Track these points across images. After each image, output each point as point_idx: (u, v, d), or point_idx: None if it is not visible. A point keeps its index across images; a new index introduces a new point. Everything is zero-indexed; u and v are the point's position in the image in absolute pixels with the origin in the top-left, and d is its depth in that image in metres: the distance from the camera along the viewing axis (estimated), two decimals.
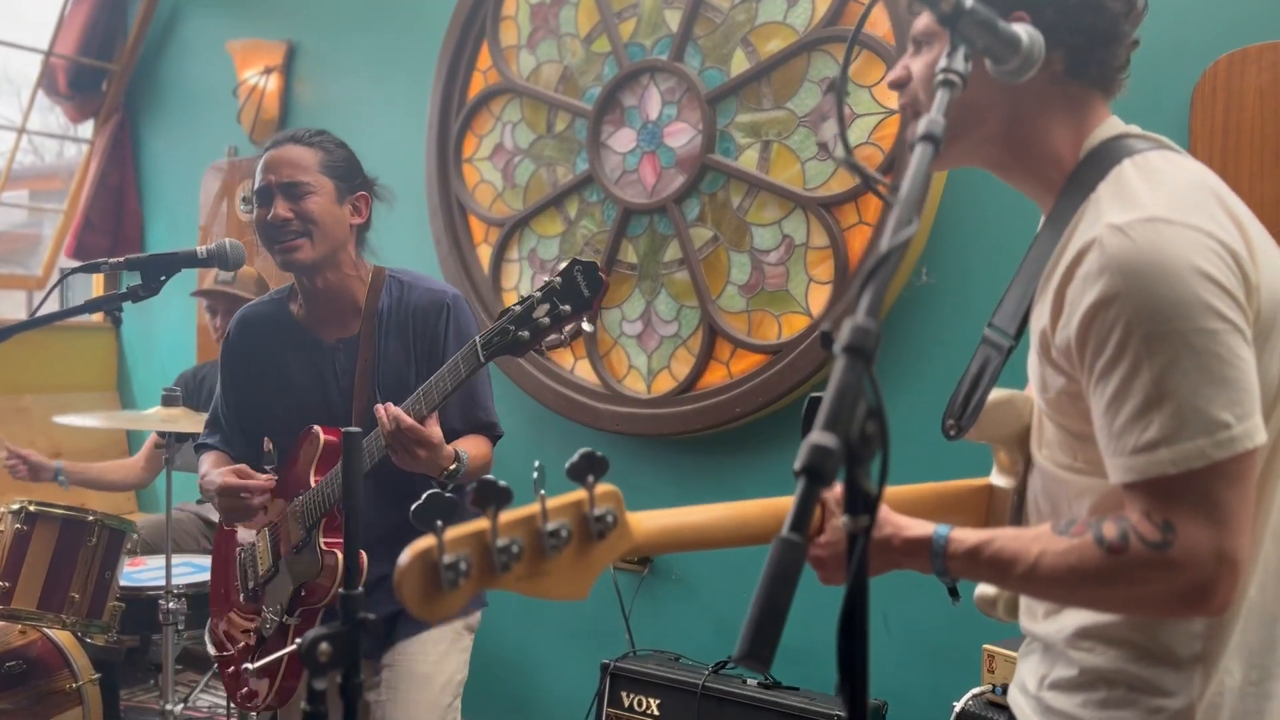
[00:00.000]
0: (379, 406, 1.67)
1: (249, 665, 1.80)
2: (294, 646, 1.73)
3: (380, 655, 1.87)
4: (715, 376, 2.89)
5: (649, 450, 3.00)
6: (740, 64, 2.84)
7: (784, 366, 2.71)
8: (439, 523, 0.84)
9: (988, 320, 1.19)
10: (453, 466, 1.73)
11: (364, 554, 1.72)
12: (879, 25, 2.62)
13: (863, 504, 0.75)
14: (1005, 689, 1.90)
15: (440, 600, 0.84)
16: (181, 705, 2.58)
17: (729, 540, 1.14)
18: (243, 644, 1.91)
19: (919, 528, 1.09)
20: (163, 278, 1.67)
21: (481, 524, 0.86)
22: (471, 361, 1.63)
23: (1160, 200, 0.99)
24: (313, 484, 1.83)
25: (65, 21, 4.33)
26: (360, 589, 1.13)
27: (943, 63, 0.90)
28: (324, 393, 1.86)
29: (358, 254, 1.94)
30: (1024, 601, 1.22)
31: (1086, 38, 1.07)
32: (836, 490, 1.03)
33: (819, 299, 2.71)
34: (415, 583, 0.83)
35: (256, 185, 1.84)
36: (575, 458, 0.91)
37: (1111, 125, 1.11)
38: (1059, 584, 1.01)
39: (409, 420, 1.64)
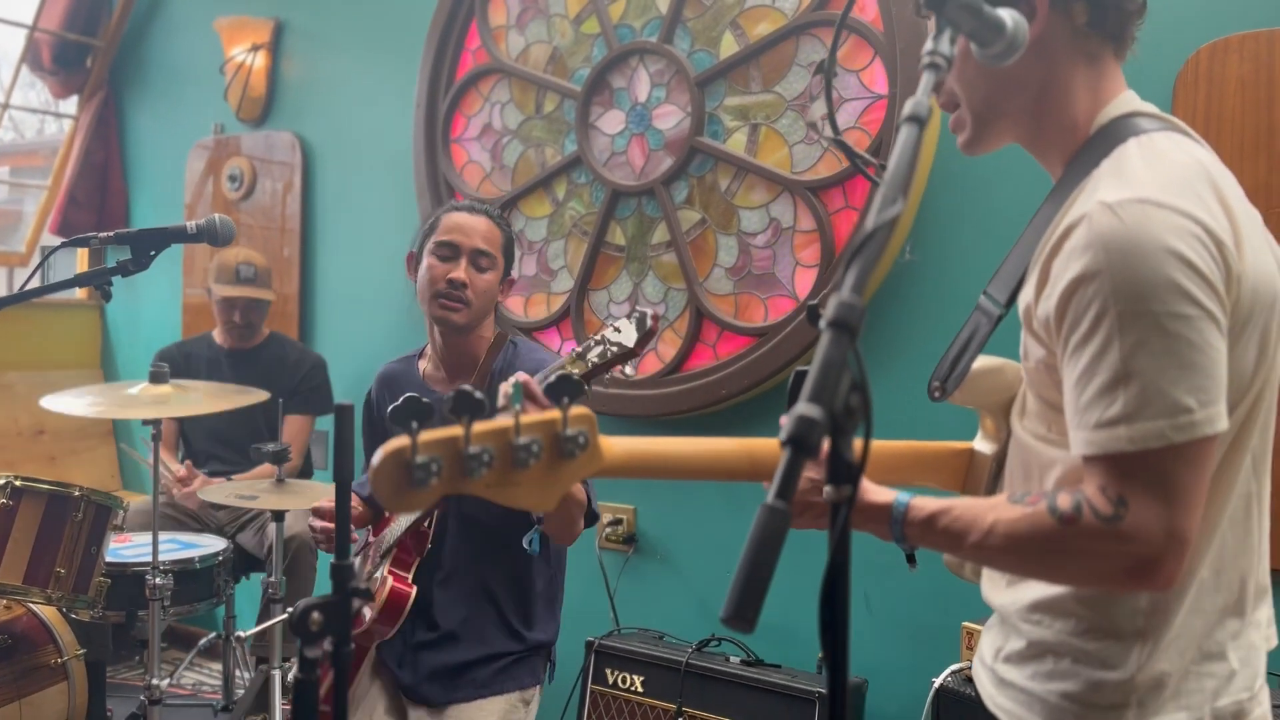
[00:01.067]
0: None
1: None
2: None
3: (441, 706, 1.91)
4: (702, 358, 2.91)
5: (639, 431, 3.02)
6: (729, 47, 2.85)
7: (770, 349, 2.74)
8: (414, 424, 0.89)
9: (982, 289, 1.21)
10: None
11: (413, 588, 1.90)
12: (867, 10, 2.63)
13: (845, 474, 0.77)
14: None
15: (410, 496, 0.90)
16: (167, 680, 2.60)
17: (699, 472, 1.18)
18: None
19: (881, 494, 1.11)
20: (152, 253, 1.67)
21: (456, 430, 0.91)
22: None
23: (1154, 182, 1.00)
24: (393, 521, 1.96)
25: None
26: (349, 562, 1.15)
27: (929, 45, 0.91)
28: None
29: (494, 323, 2.09)
30: (986, 571, 1.24)
31: None
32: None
33: (805, 282, 2.73)
34: (387, 478, 0.89)
35: (441, 237, 1.95)
36: (553, 378, 0.98)
37: (1125, 101, 1.13)
38: (1011, 552, 1.03)
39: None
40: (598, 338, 1.61)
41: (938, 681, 1.96)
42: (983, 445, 1.25)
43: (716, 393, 2.82)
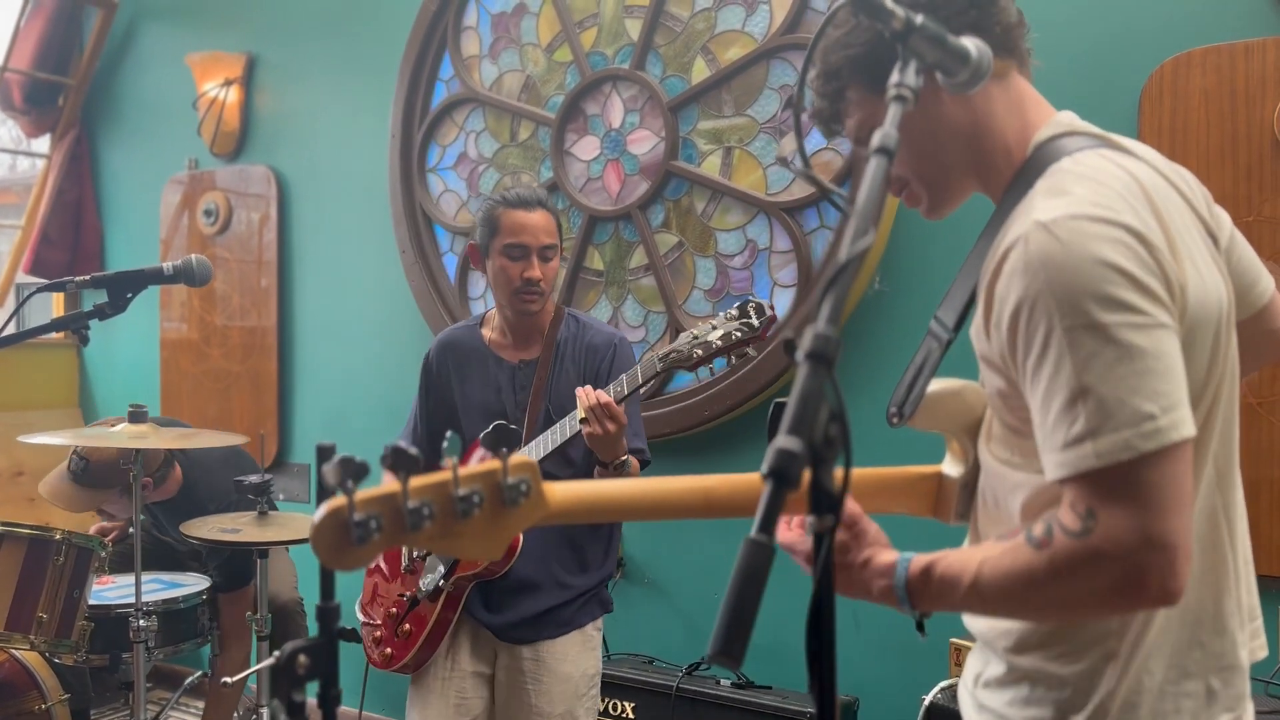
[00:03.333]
0: (580, 389, 1.90)
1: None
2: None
3: (528, 644, 2.11)
4: (683, 381, 2.92)
5: None
6: (701, 72, 2.87)
7: (750, 370, 2.75)
8: (349, 483, 0.90)
9: (934, 312, 1.20)
10: (624, 457, 1.94)
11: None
12: None
13: (826, 504, 0.78)
14: None
15: (350, 553, 0.91)
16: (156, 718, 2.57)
17: (647, 512, 1.18)
18: (392, 609, 2.16)
19: (889, 554, 1.10)
20: (129, 295, 1.67)
21: (393, 486, 0.93)
22: (650, 369, 1.89)
23: (1087, 198, 0.99)
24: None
25: (20, 35, 4.27)
26: (335, 604, 1.14)
27: (894, 78, 0.93)
28: (502, 404, 2.13)
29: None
30: None
31: (978, 9, 1.08)
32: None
33: (783, 302, 2.75)
34: (327, 537, 0.90)
35: (514, 240, 2.06)
36: (489, 429, 0.99)
37: (1058, 123, 1.12)
38: (1002, 591, 1.00)
39: (607, 397, 1.87)
40: (721, 317, 1.87)
41: (927, 699, 1.97)
42: (950, 468, 1.23)
43: (699, 414, 2.83)
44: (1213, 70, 2.22)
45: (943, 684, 1.99)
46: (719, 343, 1.85)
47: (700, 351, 1.86)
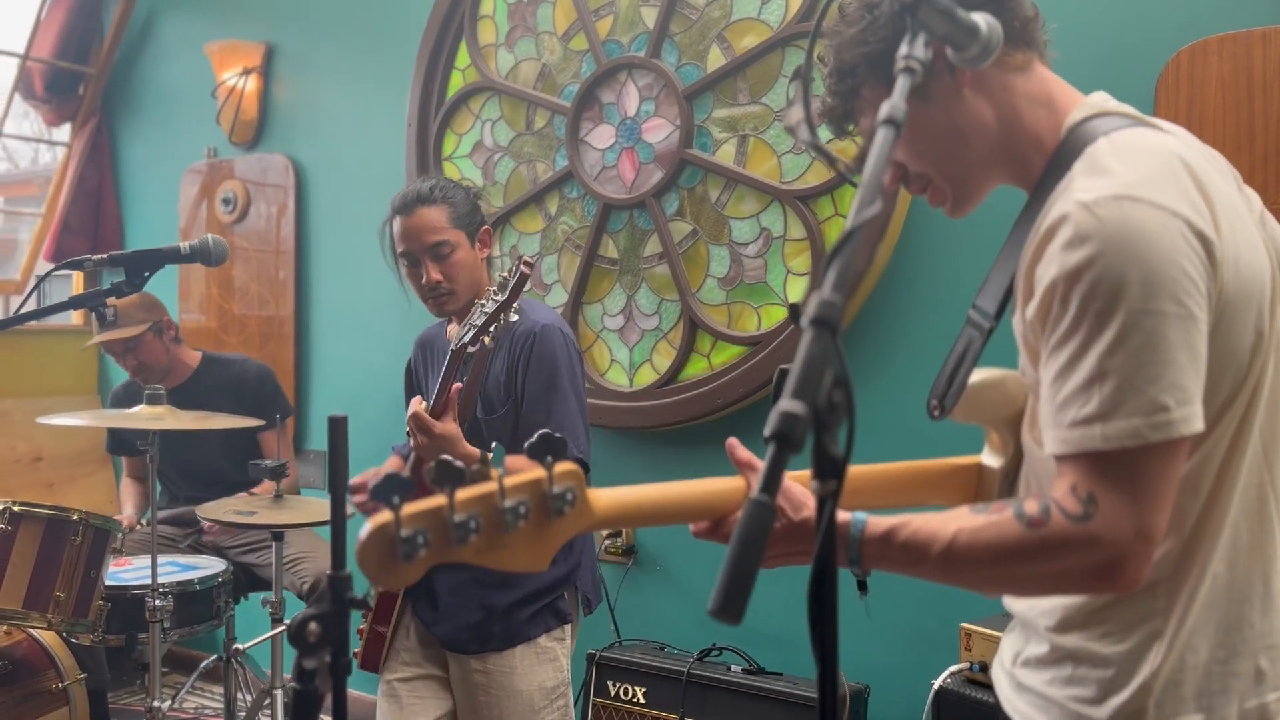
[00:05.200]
0: (414, 399, 1.88)
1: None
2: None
3: (475, 655, 2.00)
4: (696, 369, 2.92)
5: (632, 443, 3.03)
6: (716, 60, 2.88)
7: (764, 357, 2.75)
8: (395, 499, 0.88)
9: (971, 302, 1.19)
10: (474, 467, 1.80)
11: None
12: None
13: (830, 469, 0.78)
14: (983, 666, 1.95)
15: (398, 571, 0.89)
16: (169, 703, 2.60)
17: (691, 514, 1.16)
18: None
19: (841, 514, 1.08)
20: (146, 274, 1.69)
21: (439, 500, 0.91)
22: (454, 358, 1.83)
23: (1130, 177, 0.98)
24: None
25: (41, 25, 4.31)
26: (347, 573, 1.16)
27: (903, 50, 0.93)
28: None
29: (485, 276, 2.10)
30: None
31: (994, 3, 1.07)
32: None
33: (797, 290, 2.75)
34: (373, 555, 0.89)
35: (401, 249, 2.02)
36: (534, 439, 0.96)
37: (1089, 105, 1.12)
38: (976, 563, 1.00)
39: (418, 407, 1.82)
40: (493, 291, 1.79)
41: (937, 683, 1.97)
42: (991, 459, 1.22)
43: (712, 402, 2.83)
44: (1229, 58, 2.21)
45: (952, 668, 1.99)
46: (488, 313, 1.78)
47: (477, 323, 1.79)
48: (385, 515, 0.89)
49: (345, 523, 1.18)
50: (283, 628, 2.51)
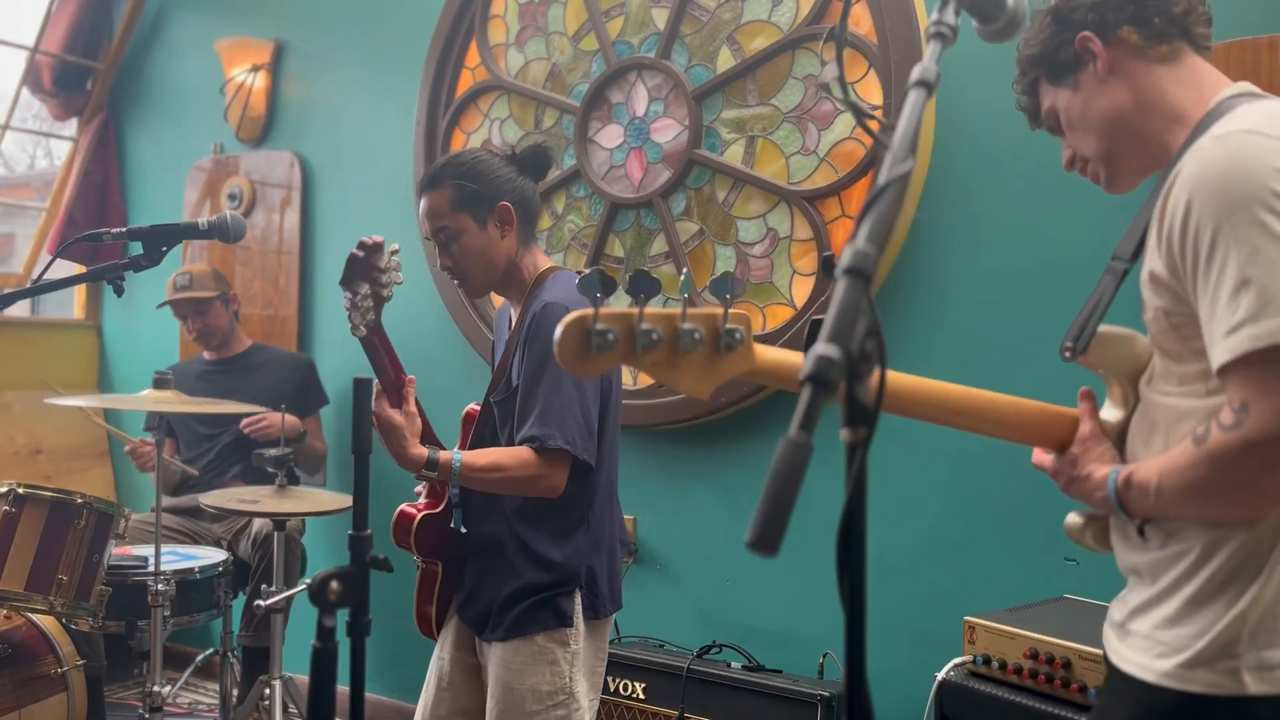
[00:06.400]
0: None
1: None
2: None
3: (483, 638, 1.97)
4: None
5: (637, 441, 3.04)
6: (726, 61, 2.90)
7: None
8: (598, 294, 1.01)
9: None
10: (422, 471, 1.82)
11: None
12: (861, 24, 2.69)
13: (860, 417, 0.80)
14: (986, 659, 1.95)
15: (589, 360, 1.00)
16: (169, 687, 2.59)
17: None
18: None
19: (1105, 469, 1.22)
20: (164, 249, 1.70)
21: (631, 310, 1.02)
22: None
23: (1258, 121, 1.10)
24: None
25: (52, 19, 4.33)
26: (368, 533, 1.17)
27: (935, 16, 0.95)
28: None
29: (526, 252, 2.02)
30: (1116, 536, 1.28)
31: (1135, 4, 1.23)
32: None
33: (803, 291, 2.77)
34: (571, 341, 0.99)
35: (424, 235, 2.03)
36: (718, 275, 1.09)
37: (1240, 86, 1.24)
38: (1177, 490, 1.11)
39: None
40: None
41: (940, 675, 1.97)
42: (1110, 413, 1.31)
43: (716, 401, 2.84)
44: (1236, 65, 2.24)
45: (955, 660, 2.00)
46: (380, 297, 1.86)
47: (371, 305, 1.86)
48: (586, 309, 1.00)
49: (368, 485, 1.20)
50: (303, 584, 2.48)
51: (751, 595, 2.86)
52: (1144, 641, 1.19)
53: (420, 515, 1.96)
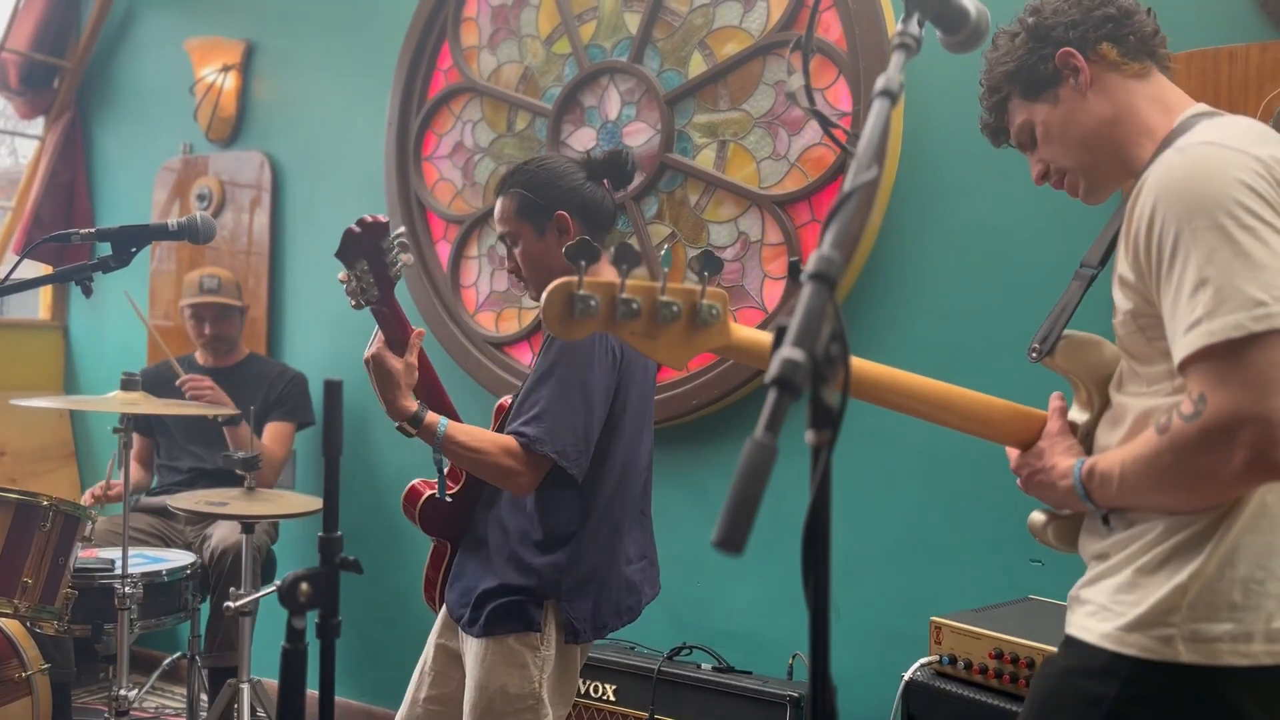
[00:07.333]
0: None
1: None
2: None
3: (461, 625, 1.97)
4: (672, 370, 2.95)
5: None
6: (698, 66, 2.92)
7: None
8: (582, 262, 1.05)
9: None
10: (404, 422, 1.83)
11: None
12: (831, 31, 2.71)
13: (825, 419, 0.81)
14: (952, 659, 1.98)
15: (571, 323, 1.06)
16: (136, 690, 2.57)
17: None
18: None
19: (1070, 459, 1.28)
20: (134, 250, 1.69)
21: (614, 277, 1.07)
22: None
23: (1220, 133, 1.17)
24: None
25: (18, 16, 4.28)
26: (338, 535, 1.17)
27: (900, 27, 0.97)
28: None
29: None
30: (1085, 529, 1.32)
31: (1113, 22, 1.30)
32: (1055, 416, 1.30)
33: (774, 294, 2.79)
34: (556, 305, 1.05)
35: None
36: (699, 252, 1.11)
37: (1203, 106, 1.30)
38: (1139, 477, 1.16)
39: (373, 346, 1.88)
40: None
41: (907, 675, 2.00)
42: (1075, 415, 1.35)
43: (687, 403, 2.86)
44: (1197, 74, 2.28)
45: (922, 660, 2.02)
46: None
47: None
48: (570, 276, 1.05)
49: (339, 487, 1.20)
50: (273, 586, 2.47)
51: (722, 597, 2.87)
52: (1090, 607, 1.25)
53: (429, 494, 1.98)
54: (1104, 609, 1.22)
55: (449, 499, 1.97)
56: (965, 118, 2.56)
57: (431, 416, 1.84)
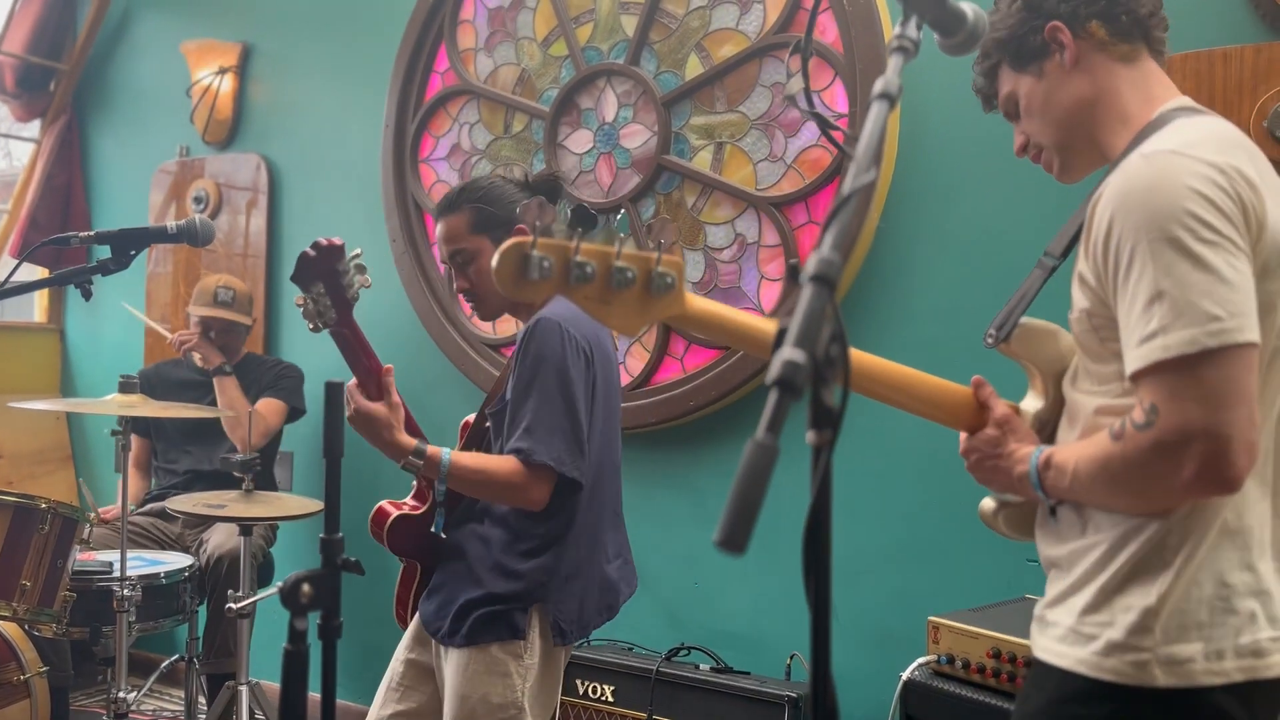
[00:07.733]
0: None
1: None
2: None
3: (442, 644, 1.95)
4: (670, 372, 2.96)
5: None
6: (694, 68, 2.93)
7: (736, 361, 2.79)
8: (537, 222, 1.03)
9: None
10: (408, 458, 1.81)
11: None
12: (827, 33, 2.72)
13: (825, 419, 0.82)
14: (950, 658, 1.99)
15: (524, 284, 1.03)
16: (134, 693, 2.57)
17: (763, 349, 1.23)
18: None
19: (1028, 447, 1.27)
20: (133, 252, 1.69)
21: (567, 241, 1.04)
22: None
23: (1187, 140, 1.14)
24: None
25: (14, 19, 4.28)
26: (339, 536, 1.17)
27: (897, 30, 0.98)
28: None
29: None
30: (1039, 527, 1.32)
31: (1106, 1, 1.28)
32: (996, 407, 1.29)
33: (771, 295, 2.80)
34: (509, 265, 1.02)
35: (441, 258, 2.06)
36: (656, 223, 1.07)
37: (1181, 100, 1.28)
38: (1092, 478, 1.16)
39: (350, 388, 1.82)
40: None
41: (905, 675, 2.00)
42: (1029, 403, 1.35)
43: (685, 405, 2.87)
44: (1192, 75, 2.29)
45: (920, 660, 2.03)
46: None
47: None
48: (525, 236, 1.03)
49: (339, 488, 1.20)
50: (275, 587, 2.47)
51: (720, 598, 2.88)
52: (1059, 630, 1.23)
53: (396, 515, 1.96)
54: (1074, 632, 1.21)
55: (432, 528, 1.96)
56: (961, 119, 2.58)
57: (433, 449, 1.82)
